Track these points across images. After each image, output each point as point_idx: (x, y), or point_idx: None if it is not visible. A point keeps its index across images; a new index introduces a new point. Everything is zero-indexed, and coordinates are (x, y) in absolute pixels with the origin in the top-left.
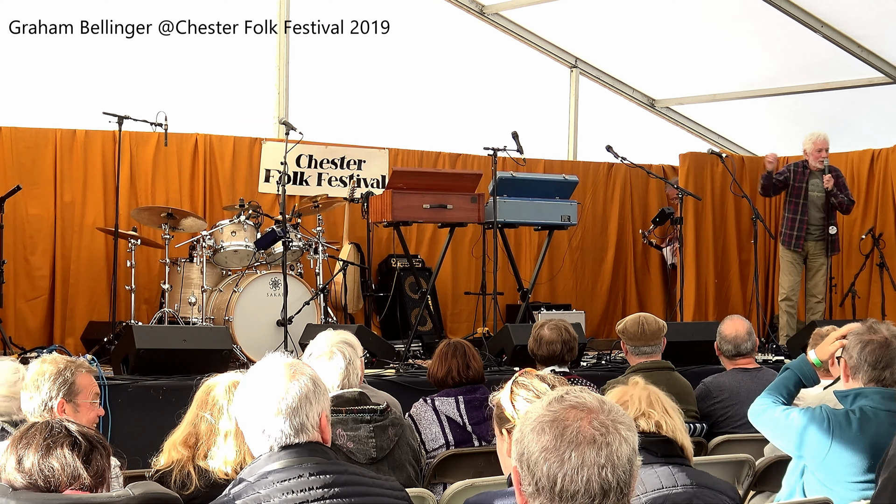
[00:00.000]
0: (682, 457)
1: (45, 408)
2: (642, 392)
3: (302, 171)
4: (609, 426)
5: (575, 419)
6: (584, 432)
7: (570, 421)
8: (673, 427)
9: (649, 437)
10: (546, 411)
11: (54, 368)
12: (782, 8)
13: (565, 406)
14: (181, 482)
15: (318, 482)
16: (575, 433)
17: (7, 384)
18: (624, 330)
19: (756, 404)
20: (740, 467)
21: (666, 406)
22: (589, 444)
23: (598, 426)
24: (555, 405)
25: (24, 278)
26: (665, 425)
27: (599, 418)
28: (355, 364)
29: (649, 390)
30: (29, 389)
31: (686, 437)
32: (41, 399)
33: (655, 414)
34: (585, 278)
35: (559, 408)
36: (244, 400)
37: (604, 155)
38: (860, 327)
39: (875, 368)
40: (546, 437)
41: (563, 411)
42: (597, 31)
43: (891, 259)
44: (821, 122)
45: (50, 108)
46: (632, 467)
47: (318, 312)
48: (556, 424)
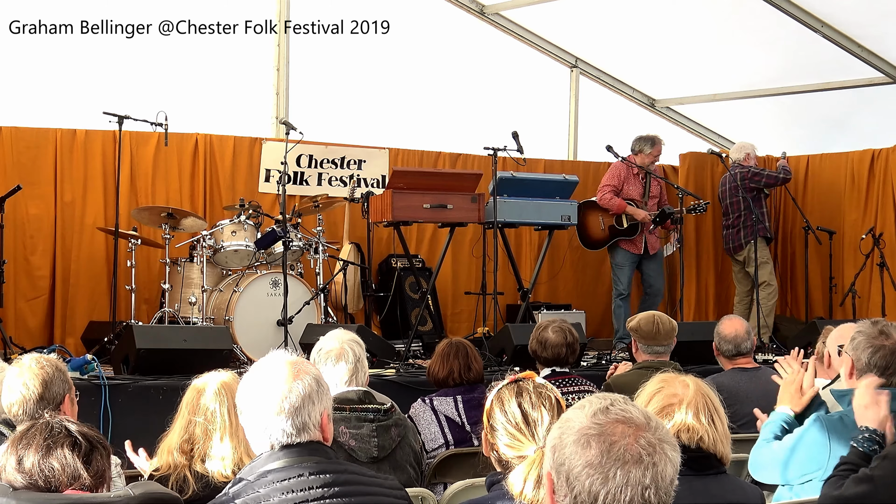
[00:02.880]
0: (718, 467)
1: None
2: (692, 399)
3: (302, 170)
4: (656, 446)
5: (622, 435)
6: (632, 450)
7: (618, 437)
8: (715, 440)
9: (688, 452)
10: (591, 423)
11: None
12: (782, 8)
13: (611, 420)
14: (178, 488)
15: (318, 481)
16: (622, 451)
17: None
18: (637, 328)
19: (756, 456)
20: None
21: (713, 414)
22: (636, 463)
23: (646, 445)
24: (600, 417)
25: (24, 278)
26: (707, 439)
27: (646, 436)
28: (363, 363)
29: (699, 396)
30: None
31: (727, 447)
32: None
33: (700, 428)
34: (586, 278)
35: (605, 420)
36: (247, 397)
37: (604, 155)
38: (870, 328)
39: (884, 374)
40: (591, 452)
41: (609, 425)
42: (597, 31)
43: (891, 259)
44: (821, 122)
45: (50, 108)
46: (672, 488)
47: (319, 312)
48: (602, 439)
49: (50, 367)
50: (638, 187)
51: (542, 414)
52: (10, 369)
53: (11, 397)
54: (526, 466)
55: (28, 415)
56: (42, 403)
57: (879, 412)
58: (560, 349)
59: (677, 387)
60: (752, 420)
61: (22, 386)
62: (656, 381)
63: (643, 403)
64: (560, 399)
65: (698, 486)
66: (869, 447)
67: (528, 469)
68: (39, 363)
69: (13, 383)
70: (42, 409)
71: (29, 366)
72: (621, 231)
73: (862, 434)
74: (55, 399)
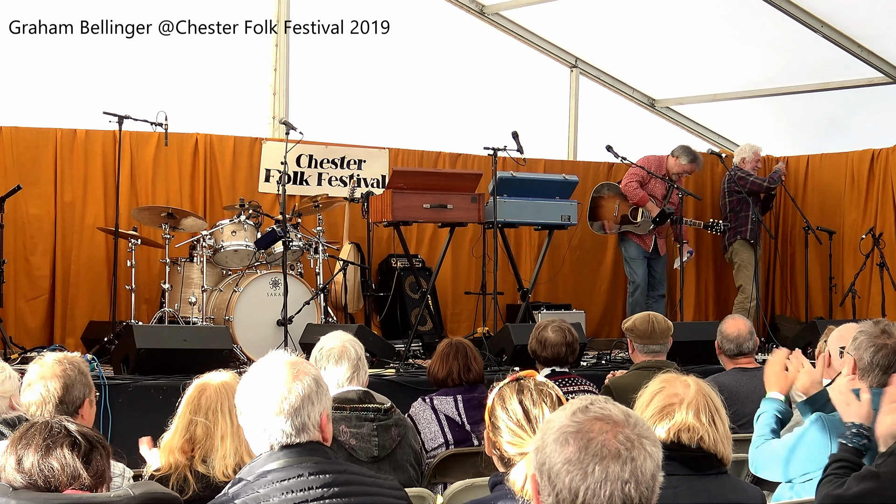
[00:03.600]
0: (719, 467)
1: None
2: (692, 398)
3: (302, 170)
4: (634, 441)
5: (600, 432)
6: (609, 446)
7: (595, 433)
8: (715, 440)
9: (688, 451)
10: (570, 422)
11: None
12: (782, 8)
13: (590, 417)
14: (179, 488)
15: (318, 482)
16: (600, 446)
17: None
18: (633, 328)
19: (756, 455)
20: (740, 467)
21: (714, 414)
22: (613, 458)
23: (624, 440)
24: (579, 416)
25: (24, 278)
26: (707, 439)
27: (625, 432)
28: (364, 363)
29: (700, 396)
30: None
31: (728, 447)
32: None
33: (700, 428)
34: (585, 278)
35: (583, 419)
36: (246, 398)
37: (604, 155)
38: (872, 328)
39: (886, 373)
40: (570, 449)
41: (587, 423)
42: (597, 30)
43: (891, 259)
44: (821, 122)
45: (50, 108)
46: (654, 483)
47: (319, 312)
48: (580, 436)
49: (73, 369)
50: (661, 188)
51: (543, 411)
52: (32, 366)
53: (31, 396)
54: (527, 462)
55: (49, 412)
56: (61, 407)
57: (861, 407)
58: (560, 348)
59: (678, 387)
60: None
61: (42, 387)
62: (658, 381)
63: (644, 404)
64: (561, 396)
65: (699, 486)
66: (858, 442)
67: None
68: (62, 364)
69: (35, 382)
70: (60, 413)
71: (52, 366)
72: (630, 223)
73: (849, 430)
74: (74, 402)
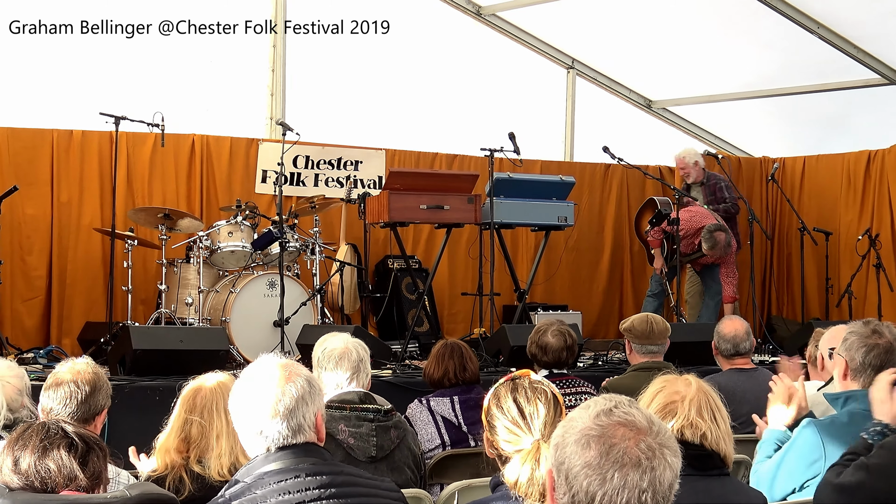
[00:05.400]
0: (721, 468)
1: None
2: (694, 396)
3: (299, 171)
4: (656, 450)
5: (622, 438)
6: (631, 453)
7: (618, 440)
8: (717, 437)
9: (691, 449)
10: (593, 424)
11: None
12: (779, 9)
13: (613, 422)
14: (175, 488)
15: (315, 483)
16: (621, 454)
17: (18, 377)
18: (631, 328)
19: (756, 479)
20: (737, 468)
21: (715, 412)
22: (634, 466)
23: (646, 449)
24: (602, 419)
25: (20, 278)
26: (710, 436)
27: (647, 440)
28: (366, 365)
29: (701, 394)
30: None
31: (730, 446)
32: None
33: (703, 425)
34: (582, 279)
35: (607, 422)
36: (239, 402)
37: (600, 156)
38: (862, 328)
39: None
40: (590, 453)
41: (611, 427)
42: (594, 32)
43: (887, 260)
44: (817, 123)
45: (47, 109)
46: (671, 493)
47: (315, 313)
48: (602, 441)
49: (102, 378)
50: (702, 195)
51: (537, 408)
52: (62, 366)
53: (57, 393)
54: (521, 458)
55: (69, 412)
56: (83, 407)
57: (894, 407)
58: (561, 353)
59: (679, 385)
60: (750, 420)
61: (74, 385)
62: (659, 381)
63: (646, 404)
64: (556, 393)
65: (701, 487)
66: (878, 440)
67: (524, 460)
68: (95, 369)
69: (65, 381)
70: (79, 414)
71: (85, 368)
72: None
73: (874, 427)
74: (96, 408)
